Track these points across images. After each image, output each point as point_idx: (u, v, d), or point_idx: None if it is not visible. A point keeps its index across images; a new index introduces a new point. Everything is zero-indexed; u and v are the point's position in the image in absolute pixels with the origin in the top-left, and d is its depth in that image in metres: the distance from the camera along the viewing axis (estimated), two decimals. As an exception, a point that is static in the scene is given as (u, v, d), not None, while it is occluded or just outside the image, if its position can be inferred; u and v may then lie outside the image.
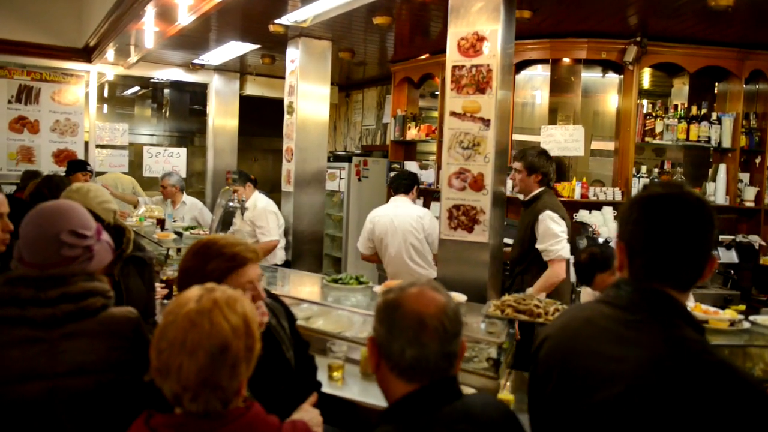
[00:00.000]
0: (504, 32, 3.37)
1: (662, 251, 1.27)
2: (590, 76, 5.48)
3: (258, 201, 5.18)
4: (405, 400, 1.35)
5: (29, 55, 6.87)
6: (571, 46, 5.18)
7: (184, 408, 1.33)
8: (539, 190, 3.78)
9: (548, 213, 3.62)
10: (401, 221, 4.47)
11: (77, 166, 5.42)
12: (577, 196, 4.99)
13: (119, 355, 1.73)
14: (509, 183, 4.13)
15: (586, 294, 3.34)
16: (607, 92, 5.59)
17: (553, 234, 3.58)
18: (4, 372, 1.60)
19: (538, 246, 3.63)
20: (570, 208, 5.02)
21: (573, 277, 3.70)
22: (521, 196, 3.93)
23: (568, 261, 3.68)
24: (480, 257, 3.37)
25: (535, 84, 5.65)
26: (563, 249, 3.58)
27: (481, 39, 3.39)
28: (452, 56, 3.46)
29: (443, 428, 1.31)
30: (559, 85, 5.43)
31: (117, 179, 7.23)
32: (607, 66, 5.40)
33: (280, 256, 5.25)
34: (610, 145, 5.49)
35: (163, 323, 1.35)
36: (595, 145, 5.56)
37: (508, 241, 4.87)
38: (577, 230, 4.88)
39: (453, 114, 3.44)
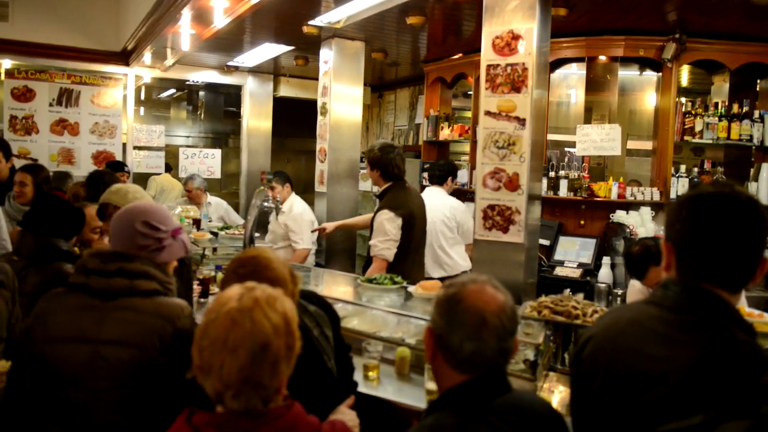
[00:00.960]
0: (540, 30, 3.34)
1: (712, 251, 1.23)
2: (627, 74, 5.38)
3: (294, 205, 5.18)
4: (460, 388, 1.39)
5: (70, 59, 7.04)
6: (608, 43, 5.09)
7: (226, 406, 1.34)
8: (387, 184, 3.94)
9: (385, 211, 3.81)
10: (433, 211, 4.43)
11: (115, 168, 5.53)
12: (613, 196, 4.90)
13: (160, 337, 1.81)
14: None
15: (634, 289, 3.25)
16: (644, 90, 5.48)
17: (383, 232, 3.78)
18: (59, 331, 1.82)
19: (371, 239, 3.83)
20: (606, 208, 4.97)
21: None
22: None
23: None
24: (515, 258, 3.33)
25: (570, 83, 5.58)
26: (389, 249, 3.77)
27: (516, 37, 3.35)
28: (487, 55, 3.44)
29: (496, 418, 1.34)
30: (594, 84, 5.34)
31: (164, 181, 7.36)
32: (644, 63, 5.30)
33: (310, 261, 5.26)
34: (646, 145, 5.38)
35: (204, 321, 1.37)
36: (631, 144, 5.46)
37: (544, 242, 4.84)
38: (614, 231, 4.80)
39: (488, 113, 3.42)
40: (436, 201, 4.53)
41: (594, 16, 4.67)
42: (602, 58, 5.23)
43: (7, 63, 6.88)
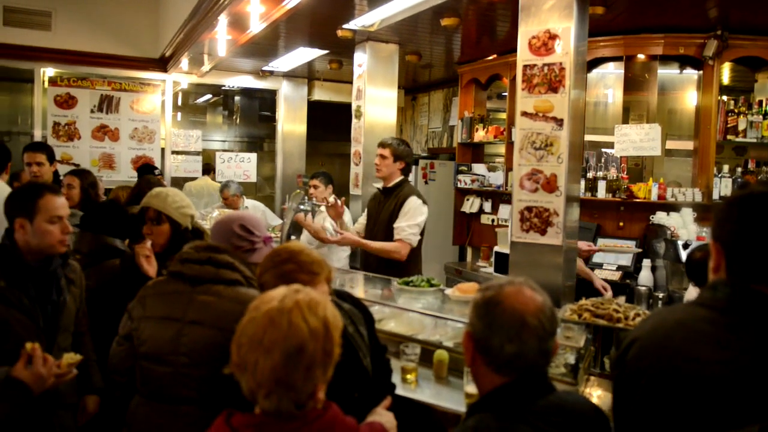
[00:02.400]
0: (577, 29, 3.29)
1: (764, 252, 1.19)
2: (666, 72, 5.27)
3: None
4: (501, 390, 1.38)
5: (110, 66, 7.22)
6: (646, 41, 5.00)
7: (259, 404, 1.35)
8: (400, 178, 4.10)
9: (416, 198, 3.97)
10: None
11: (146, 171, 5.63)
12: (653, 197, 4.80)
13: (235, 321, 1.87)
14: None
15: (692, 295, 3.17)
16: (684, 89, 5.36)
17: (413, 216, 3.92)
18: (152, 311, 2.09)
19: (397, 222, 3.93)
20: (647, 209, 4.87)
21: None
22: (379, 184, 4.23)
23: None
24: (553, 260, 3.28)
25: (608, 82, 5.49)
26: (415, 235, 3.92)
27: (553, 37, 3.31)
28: (523, 55, 3.40)
29: (538, 419, 1.33)
30: (633, 83, 5.25)
31: (205, 185, 7.46)
32: (684, 62, 5.18)
33: (344, 262, 5.26)
34: (686, 145, 5.25)
35: (245, 319, 1.38)
36: (670, 144, 5.33)
37: (571, 241, 4.75)
38: (654, 233, 4.70)
39: (524, 114, 3.38)
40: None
41: (632, 14, 4.59)
42: (641, 56, 5.13)
43: (50, 71, 7.08)
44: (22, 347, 1.89)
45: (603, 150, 5.40)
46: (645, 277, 4.47)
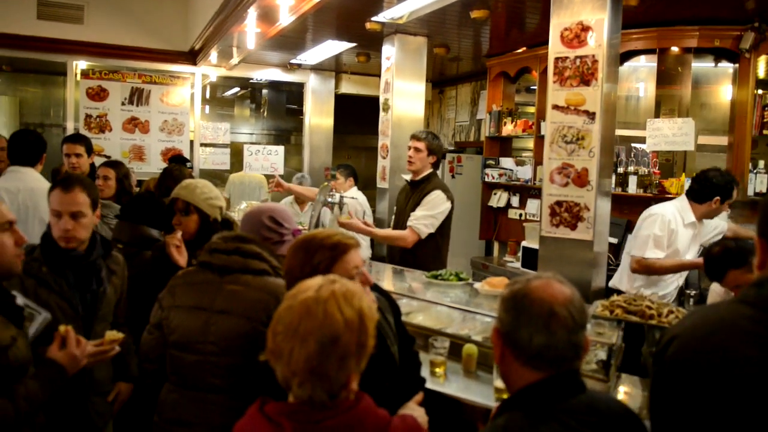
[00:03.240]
0: (610, 21, 3.24)
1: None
2: (701, 65, 5.16)
3: (351, 193, 5.19)
4: (532, 387, 1.36)
5: (140, 59, 7.29)
6: (681, 34, 4.90)
7: (293, 393, 1.35)
8: (429, 171, 4.11)
9: (440, 192, 3.99)
10: None
11: (179, 162, 5.69)
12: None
13: (266, 311, 1.97)
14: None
15: (715, 292, 3.12)
16: (719, 83, 5.25)
17: (432, 208, 3.94)
18: (182, 300, 2.13)
19: (416, 210, 3.96)
20: (679, 205, 4.78)
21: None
22: (408, 176, 4.24)
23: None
24: (584, 255, 3.25)
25: (640, 76, 5.39)
26: (427, 227, 3.92)
27: (585, 29, 3.27)
28: (555, 47, 3.36)
29: (570, 418, 1.31)
30: (666, 77, 5.15)
31: (244, 178, 7.48)
32: (719, 54, 5.07)
33: (366, 254, 5.22)
34: (719, 140, 5.14)
35: (281, 307, 1.38)
36: (702, 139, 5.22)
37: (612, 240, 4.69)
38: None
39: (555, 107, 3.34)
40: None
41: (666, 6, 4.50)
42: (674, 49, 5.04)
43: (83, 64, 7.19)
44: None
45: (632, 145, 5.32)
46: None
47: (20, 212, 3.34)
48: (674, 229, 3.50)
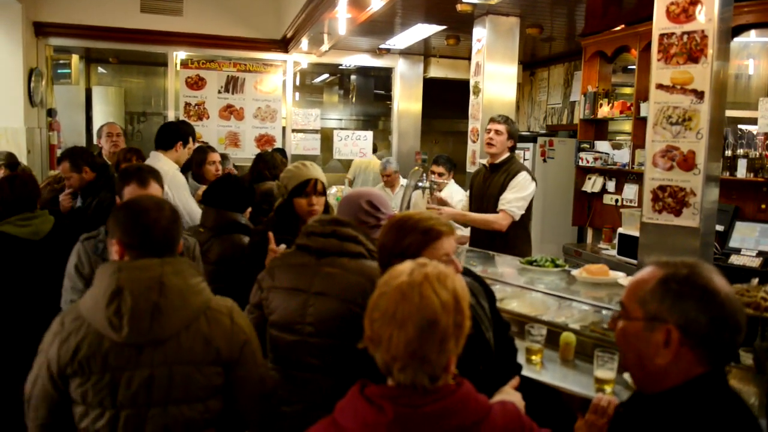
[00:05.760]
0: (722, -7, 3.03)
1: None
2: (822, 39, 4.76)
3: (454, 194, 5.06)
4: (701, 378, 1.30)
5: (235, 48, 7.54)
6: (799, 5, 4.52)
7: (394, 378, 1.36)
8: (508, 155, 4.14)
9: (526, 174, 4.04)
10: None
11: (277, 151, 5.87)
12: (802, 177, 4.37)
13: (362, 293, 1.98)
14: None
15: None
16: (843, 57, 4.82)
17: (521, 190, 3.97)
18: (281, 281, 2.16)
19: (504, 194, 3.98)
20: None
21: None
22: (484, 160, 4.31)
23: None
24: (689, 243, 3.08)
25: (752, 52, 5.03)
26: (519, 209, 3.97)
27: (694, 2, 3.06)
28: (660, 23, 3.17)
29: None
30: (780, 53, 4.78)
31: (369, 164, 7.56)
32: (844, 26, 4.65)
33: (464, 233, 5.14)
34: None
35: (376, 294, 1.39)
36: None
37: (718, 227, 4.43)
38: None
39: (660, 86, 3.16)
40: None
41: (784, -25, 4.17)
42: (792, 22, 4.65)
43: (182, 54, 7.51)
44: None
45: (740, 126, 4.98)
46: (790, 264, 4.10)
47: None
48: None
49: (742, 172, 4.59)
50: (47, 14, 6.87)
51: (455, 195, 5.07)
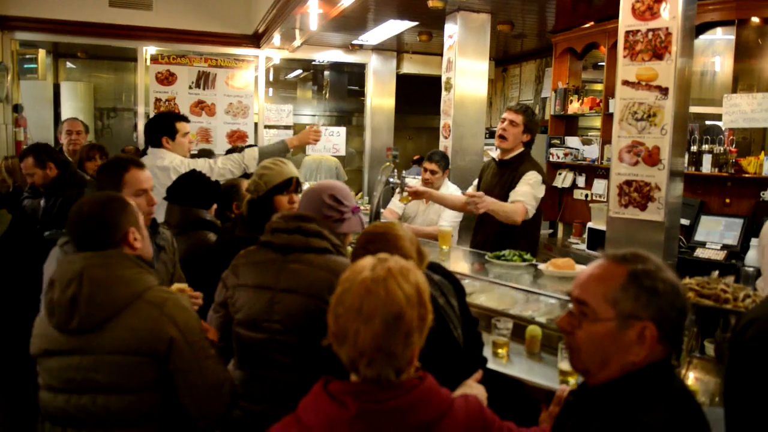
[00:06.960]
0: (686, -9, 3.08)
1: None
2: (784, 37, 4.86)
3: (450, 190, 4.78)
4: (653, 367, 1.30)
5: (206, 44, 7.44)
6: (762, 3, 4.61)
7: (360, 373, 1.36)
8: (521, 150, 3.77)
9: (537, 175, 3.67)
10: None
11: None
12: (765, 172, 4.47)
13: (328, 288, 1.92)
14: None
15: None
16: (803, 55, 4.93)
17: (534, 188, 3.63)
18: (246, 279, 2.15)
19: (517, 186, 3.62)
20: (757, 185, 4.55)
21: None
22: (496, 154, 3.90)
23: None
24: (653, 237, 3.14)
25: (716, 49, 5.12)
26: (533, 208, 3.63)
27: (659, 0, 3.12)
28: (625, 20, 3.22)
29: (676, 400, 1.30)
30: (744, 50, 4.86)
31: (321, 161, 7.55)
32: (805, 25, 4.76)
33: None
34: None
35: (339, 290, 1.39)
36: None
37: (684, 221, 4.51)
38: (764, 210, 4.39)
39: (625, 83, 3.21)
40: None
41: (746, -26, 4.25)
42: (755, 20, 4.75)
43: (152, 49, 7.40)
44: None
45: (706, 122, 5.07)
46: (752, 257, 4.18)
47: None
48: None
49: (707, 167, 4.68)
50: (14, 8, 6.70)
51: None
